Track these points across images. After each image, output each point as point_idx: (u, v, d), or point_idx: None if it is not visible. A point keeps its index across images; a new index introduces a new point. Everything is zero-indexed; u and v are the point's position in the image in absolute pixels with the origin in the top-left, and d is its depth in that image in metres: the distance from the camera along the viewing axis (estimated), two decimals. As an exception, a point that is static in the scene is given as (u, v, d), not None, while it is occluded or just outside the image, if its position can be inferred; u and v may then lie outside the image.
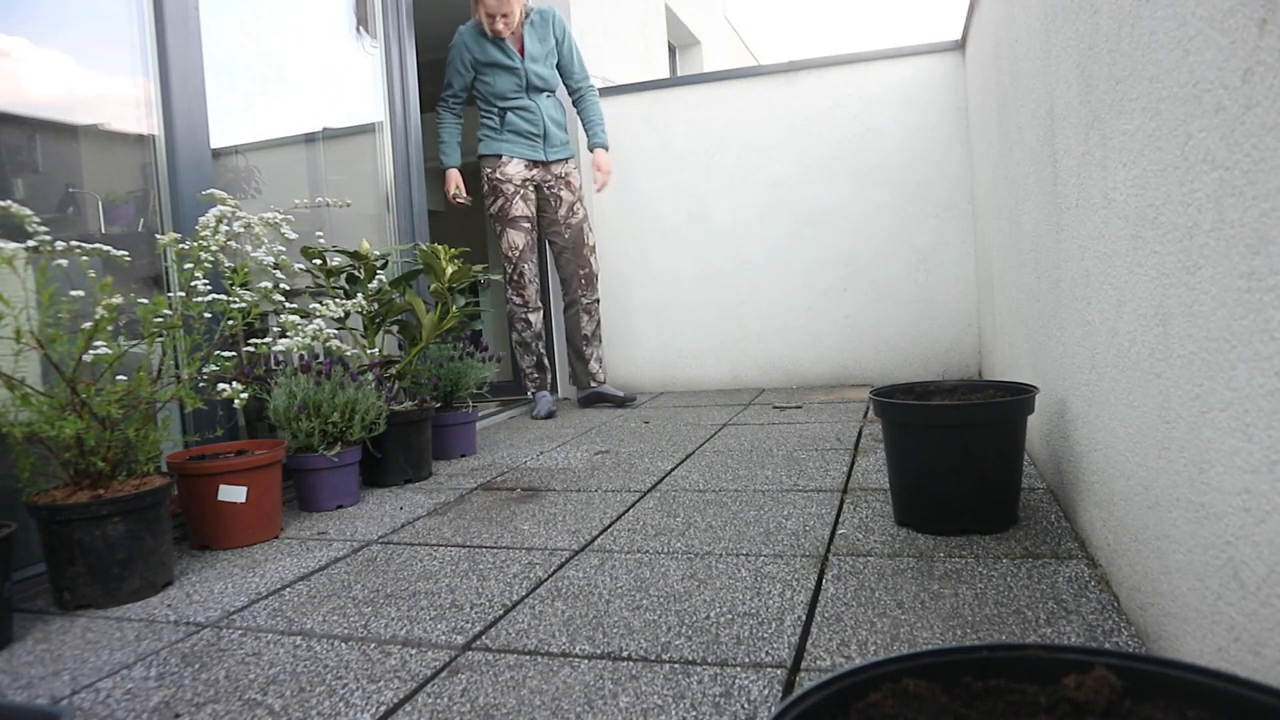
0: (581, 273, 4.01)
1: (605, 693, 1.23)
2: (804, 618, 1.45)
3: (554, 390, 4.29)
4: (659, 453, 2.93)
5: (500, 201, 3.75)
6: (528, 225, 3.80)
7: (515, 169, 3.77)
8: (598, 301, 4.10)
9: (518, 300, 3.85)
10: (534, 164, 3.83)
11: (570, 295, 4.06)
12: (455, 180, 3.79)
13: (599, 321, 4.12)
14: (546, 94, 3.84)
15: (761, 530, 1.96)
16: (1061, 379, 1.82)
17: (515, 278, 3.82)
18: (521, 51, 3.74)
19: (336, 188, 3.35)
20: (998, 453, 1.81)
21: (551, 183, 3.89)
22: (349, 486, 2.45)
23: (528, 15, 3.77)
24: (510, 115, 3.74)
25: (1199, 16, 0.91)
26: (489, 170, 3.77)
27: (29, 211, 1.75)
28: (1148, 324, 1.16)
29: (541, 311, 3.98)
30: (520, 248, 3.78)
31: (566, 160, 3.93)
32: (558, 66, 3.88)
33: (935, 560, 1.67)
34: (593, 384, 4.13)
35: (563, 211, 3.91)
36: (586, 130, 4.01)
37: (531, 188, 3.84)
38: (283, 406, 2.36)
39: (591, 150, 4.01)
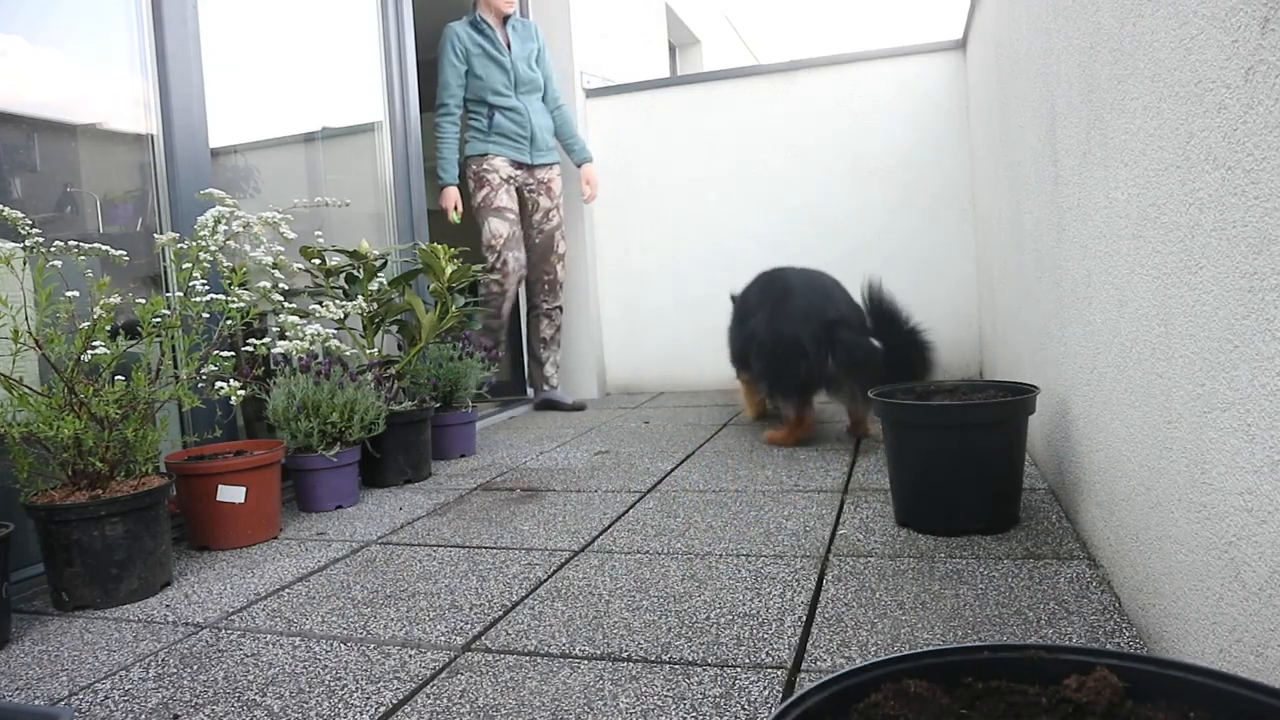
0: (546, 278, 4.02)
1: (605, 694, 1.23)
2: (804, 618, 1.45)
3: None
4: (659, 453, 2.92)
5: (485, 191, 3.73)
6: (512, 216, 3.78)
7: (500, 163, 3.76)
8: (560, 308, 4.11)
9: (495, 289, 3.76)
10: (519, 165, 3.83)
11: (532, 300, 4.08)
12: (455, 199, 3.73)
13: (559, 327, 4.13)
14: (535, 96, 3.84)
15: (762, 530, 1.95)
16: (1063, 379, 1.82)
17: (499, 265, 3.73)
18: (509, 48, 3.76)
19: (336, 187, 3.35)
20: (999, 453, 1.81)
21: (533, 186, 3.89)
22: (348, 487, 2.45)
23: (510, 18, 3.79)
24: (499, 116, 3.73)
25: (1201, 15, 0.91)
26: (474, 167, 3.75)
27: (19, 214, 1.74)
28: (1149, 324, 1.16)
29: (512, 305, 3.92)
30: (504, 236, 3.73)
31: (551, 166, 3.94)
32: None
33: (936, 561, 1.67)
34: (545, 388, 4.13)
35: (538, 216, 3.93)
36: (569, 147, 4.04)
37: (514, 185, 3.83)
38: (282, 406, 2.36)
39: (579, 166, 4.06)
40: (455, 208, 3.72)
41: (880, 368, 2.51)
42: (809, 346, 2.68)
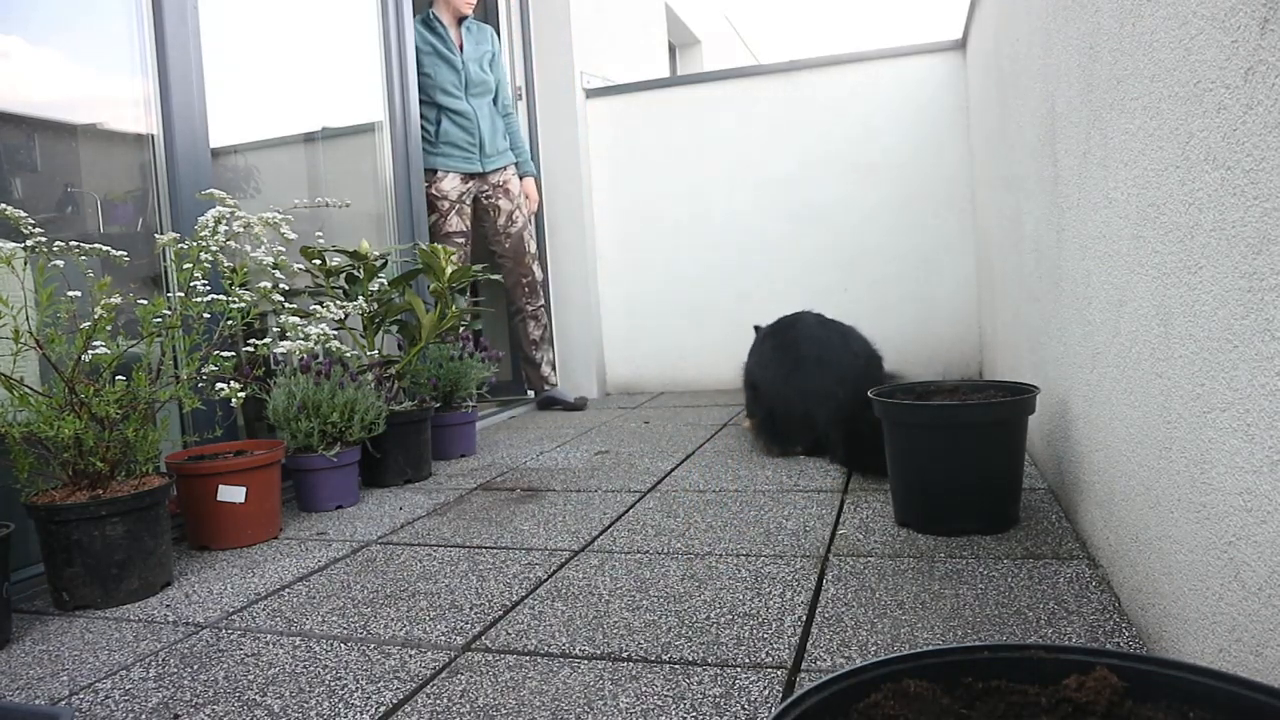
0: (524, 281, 4.01)
1: (605, 693, 1.23)
2: (804, 618, 1.45)
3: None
4: (659, 453, 2.92)
5: (434, 217, 3.71)
6: (461, 240, 3.76)
7: (451, 184, 3.71)
8: (544, 307, 4.10)
9: None
10: (470, 176, 3.78)
11: (515, 304, 4.06)
12: None
13: (546, 326, 4.12)
14: (485, 98, 3.80)
15: (762, 530, 1.95)
16: (1062, 379, 1.82)
17: None
18: (461, 49, 3.74)
19: (336, 187, 3.35)
20: (998, 453, 1.81)
21: (489, 193, 3.85)
22: (348, 486, 2.45)
23: (465, 19, 3.78)
24: (446, 123, 3.69)
25: (1200, 15, 0.91)
26: (425, 185, 3.69)
27: (22, 213, 1.74)
28: (1149, 324, 1.16)
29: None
30: None
31: (504, 169, 3.89)
32: None
33: (936, 561, 1.67)
34: (545, 387, 4.13)
35: (501, 221, 3.89)
36: (515, 156, 3.98)
37: (469, 200, 3.80)
38: (282, 406, 2.36)
39: (521, 179, 4.00)
40: None
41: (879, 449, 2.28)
42: (807, 429, 2.68)
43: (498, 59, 3.90)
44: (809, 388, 2.69)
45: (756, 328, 3.43)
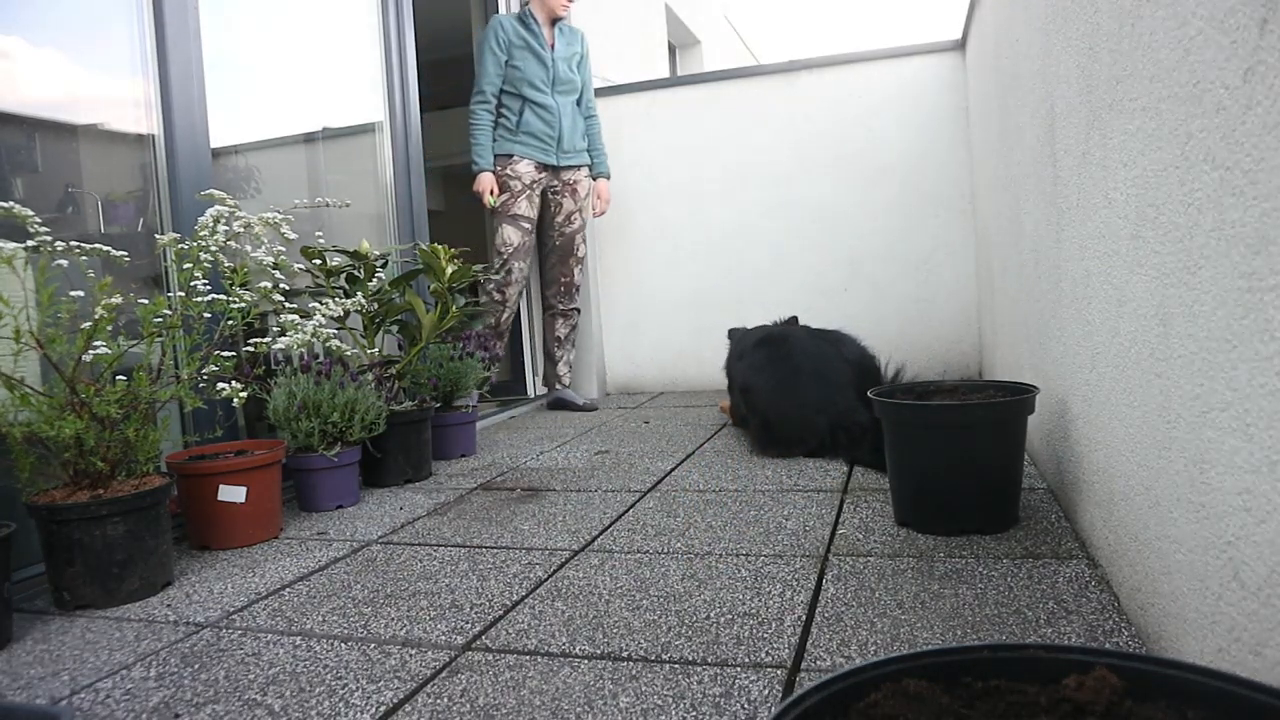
0: (563, 280, 4.06)
1: (605, 693, 1.23)
2: (804, 618, 1.45)
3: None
4: (659, 453, 2.92)
5: (505, 197, 3.76)
6: (527, 225, 3.80)
7: (525, 168, 3.77)
8: (576, 310, 4.14)
9: (498, 296, 3.79)
10: (544, 167, 3.84)
11: (548, 301, 4.12)
12: (490, 184, 3.72)
13: (574, 326, 4.16)
14: (570, 97, 3.88)
15: (761, 530, 1.96)
16: (1062, 379, 1.82)
17: (502, 274, 3.77)
18: (552, 48, 3.81)
19: (336, 188, 3.35)
20: (998, 453, 1.81)
21: (558, 188, 3.92)
22: (349, 486, 2.45)
23: (559, 20, 3.86)
24: (528, 114, 3.75)
25: (1200, 16, 0.91)
26: (499, 168, 3.77)
27: (30, 212, 1.75)
28: (1148, 324, 1.16)
29: (512, 315, 3.92)
30: (514, 245, 3.76)
31: (578, 168, 3.96)
32: None
33: (935, 560, 1.67)
34: (558, 387, 4.16)
35: (560, 218, 3.96)
36: (591, 157, 4.05)
37: (539, 190, 3.85)
38: (282, 406, 2.36)
39: (594, 179, 4.08)
40: (491, 192, 3.73)
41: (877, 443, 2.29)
42: (809, 432, 2.68)
43: (585, 61, 3.99)
44: (807, 400, 2.71)
45: (731, 331, 3.44)
